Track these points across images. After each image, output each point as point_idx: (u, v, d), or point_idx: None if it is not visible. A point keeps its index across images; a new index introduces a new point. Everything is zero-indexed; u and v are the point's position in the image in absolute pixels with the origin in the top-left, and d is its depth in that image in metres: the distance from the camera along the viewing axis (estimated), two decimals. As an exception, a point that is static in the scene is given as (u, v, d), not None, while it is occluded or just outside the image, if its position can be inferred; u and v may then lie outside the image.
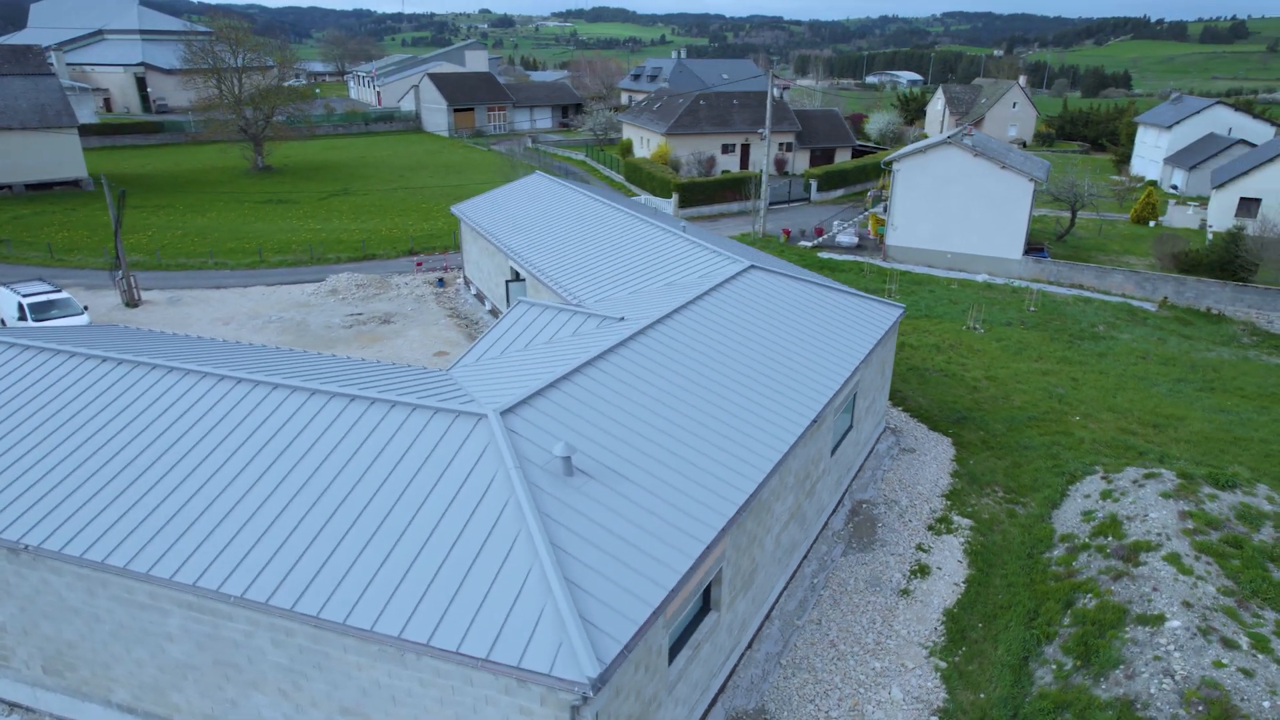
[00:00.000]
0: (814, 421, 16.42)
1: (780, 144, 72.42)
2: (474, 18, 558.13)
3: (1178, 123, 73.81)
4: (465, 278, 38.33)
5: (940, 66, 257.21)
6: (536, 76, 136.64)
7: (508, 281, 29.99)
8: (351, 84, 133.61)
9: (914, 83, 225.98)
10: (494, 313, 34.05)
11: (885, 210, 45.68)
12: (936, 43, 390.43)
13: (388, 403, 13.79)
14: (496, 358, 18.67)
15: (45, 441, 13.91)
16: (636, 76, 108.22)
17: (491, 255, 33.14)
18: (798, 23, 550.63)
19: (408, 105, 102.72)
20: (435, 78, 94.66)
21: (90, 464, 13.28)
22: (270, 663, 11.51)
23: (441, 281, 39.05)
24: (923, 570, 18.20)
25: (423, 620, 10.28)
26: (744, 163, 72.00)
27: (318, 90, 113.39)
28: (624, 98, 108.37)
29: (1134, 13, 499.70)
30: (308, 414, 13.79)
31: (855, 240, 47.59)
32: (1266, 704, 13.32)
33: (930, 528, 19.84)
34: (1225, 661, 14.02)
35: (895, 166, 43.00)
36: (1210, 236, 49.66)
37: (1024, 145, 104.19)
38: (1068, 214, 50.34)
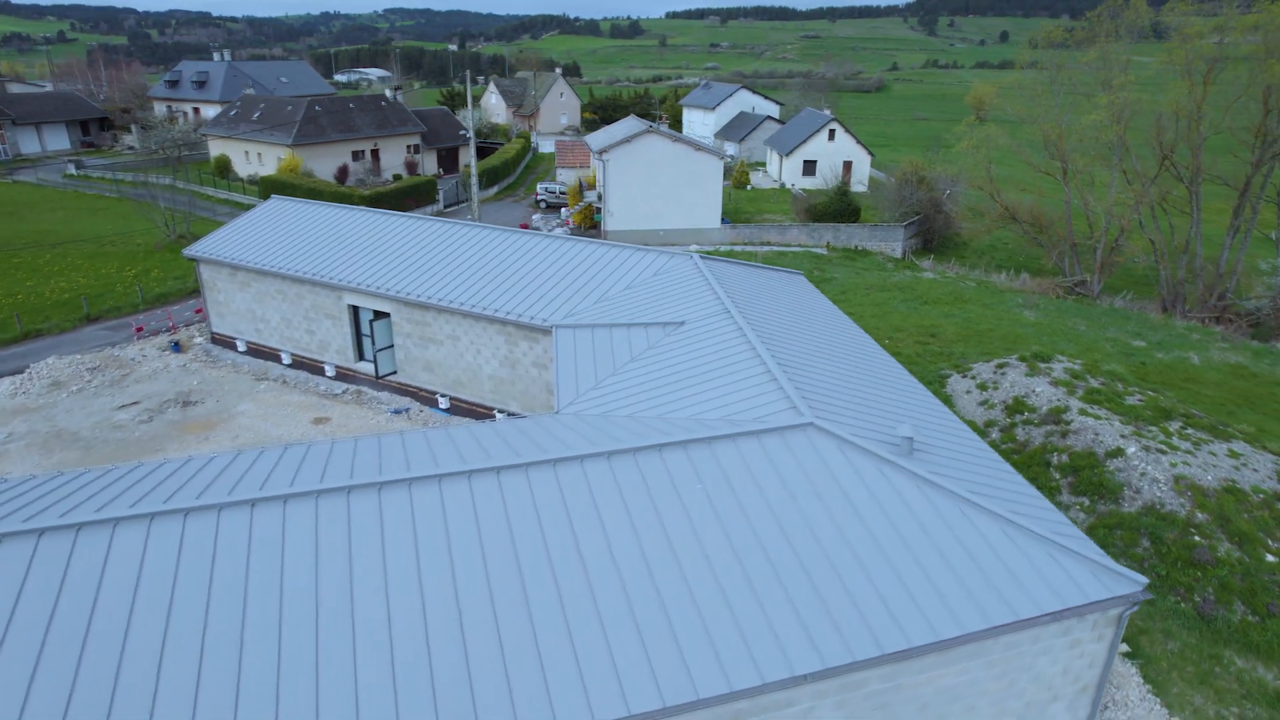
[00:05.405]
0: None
1: (408, 145, 70.22)
2: None
3: (719, 104, 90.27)
4: (215, 335, 31.27)
5: (406, 63, 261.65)
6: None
7: (371, 321, 25.99)
8: None
9: (384, 79, 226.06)
10: (300, 364, 28.92)
11: (600, 199, 48.79)
12: (390, 39, 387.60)
13: (705, 440, 12.81)
14: (594, 387, 17.42)
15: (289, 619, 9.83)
16: (174, 83, 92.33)
17: (294, 299, 28.04)
18: (233, 19, 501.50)
19: None
20: (-118, 92, 69.09)
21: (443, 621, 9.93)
22: (809, 728, 10.58)
23: (177, 345, 31.19)
24: (941, 475, 22.29)
25: (989, 604, 10.77)
26: (376, 168, 68.14)
27: None
28: (160, 108, 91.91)
29: (555, 11, 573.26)
30: (630, 476, 12.08)
31: (567, 233, 49.82)
32: (1210, 477, 20.27)
33: (907, 444, 24.05)
34: (1175, 461, 20.77)
35: (605, 156, 46.22)
36: (801, 193, 63.20)
37: (577, 131, 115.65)
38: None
